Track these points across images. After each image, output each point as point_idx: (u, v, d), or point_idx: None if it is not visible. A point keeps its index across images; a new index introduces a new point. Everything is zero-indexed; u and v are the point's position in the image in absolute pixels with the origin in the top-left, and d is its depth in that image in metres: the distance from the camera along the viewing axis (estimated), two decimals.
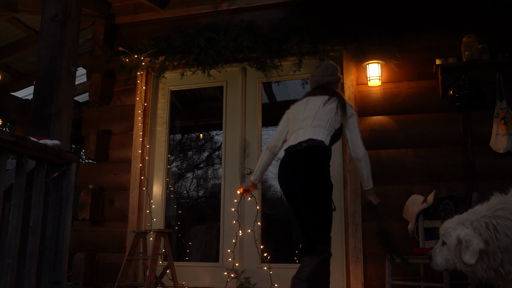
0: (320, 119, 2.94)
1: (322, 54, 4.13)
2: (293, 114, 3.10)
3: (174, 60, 4.50)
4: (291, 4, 4.46)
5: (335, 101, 3.00)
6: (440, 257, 2.24)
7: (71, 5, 2.87)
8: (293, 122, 3.05)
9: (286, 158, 2.95)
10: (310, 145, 2.85)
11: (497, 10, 3.93)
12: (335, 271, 3.98)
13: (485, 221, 2.15)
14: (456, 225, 2.21)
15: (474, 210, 2.28)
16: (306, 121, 2.96)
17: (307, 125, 2.93)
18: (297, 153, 2.87)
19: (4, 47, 5.62)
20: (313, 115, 2.96)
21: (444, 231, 2.25)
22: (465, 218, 2.22)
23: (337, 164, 4.14)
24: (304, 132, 2.91)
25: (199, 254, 4.96)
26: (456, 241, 2.17)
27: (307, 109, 3.02)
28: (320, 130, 2.91)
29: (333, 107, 2.98)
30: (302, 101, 3.13)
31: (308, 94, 3.17)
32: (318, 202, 2.80)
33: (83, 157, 7.26)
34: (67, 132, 2.78)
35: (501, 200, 2.24)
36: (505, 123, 3.63)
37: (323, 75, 3.17)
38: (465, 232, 2.16)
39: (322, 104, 2.99)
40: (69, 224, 2.53)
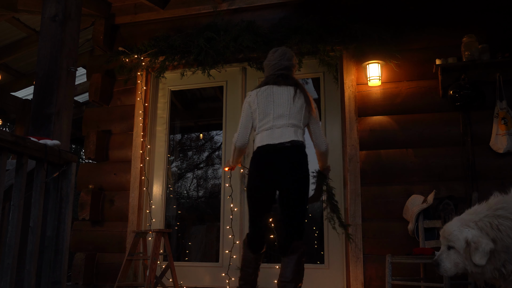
0: (296, 118, 2.95)
1: (322, 54, 4.13)
2: (259, 106, 3.01)
3: (174, 60, 4.50)
4: (291, 4, 4.46)
5: (302, 96, 2.99)
6: (449, 262, 2.19)
7: (71, 5, 2.87)
8: (263, 116, 2.98)
9: (269, 155, 2.91)
10: (294, 145, 2.89)
11: (497, 10, 3.93)
12: (335, 271, 3.98)
13: (488, 221, 2.13)
14: (461, 227, 2.18)
15: (474, 210, 2.26)
16: (281, 119, 2.94)
17: (284, 125, 2.92)
18: (284, 152, 2.88)
19: (4, 47, 5.62)
20: (288, 113, 2.94)
21: (449, 235, 2.20)
22: (468, 219, 2.19)
23: (337, 164, 4.14)
24: (282, 132, 2.91)
25: (199, 254, 4.96)
26: (464, 243, 2.13)
27: (276, 104, 2.98)
28: (297, 130, 2.95)
29: (302, 104, 2.99)
30: (266, 91, 3.04)
31: (270, 82, 3.06)
32: (304, 201, 2.90)
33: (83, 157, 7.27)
34: (67, 132, 2.78)
35: (501, 199, 2.23)
36: (505, 123, 3.63)
37: (282, 59, 3.09)
38: (472, 233, 2.13)
39: (291, 99, 2.96)
40: (69, 224, 2.53)
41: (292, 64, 3.15)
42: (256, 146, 2.98)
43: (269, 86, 3.05)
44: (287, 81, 3.05)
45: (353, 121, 4.03)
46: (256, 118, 3.02)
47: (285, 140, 2.88)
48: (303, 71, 4.32)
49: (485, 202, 2.29)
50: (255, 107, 3.03)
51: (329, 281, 3.99)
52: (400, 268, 3.57)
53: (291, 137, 2.90)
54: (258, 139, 2.99)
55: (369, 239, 3.81)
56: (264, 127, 2.97)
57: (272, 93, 3.01)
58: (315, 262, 4.16)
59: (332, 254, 4.02)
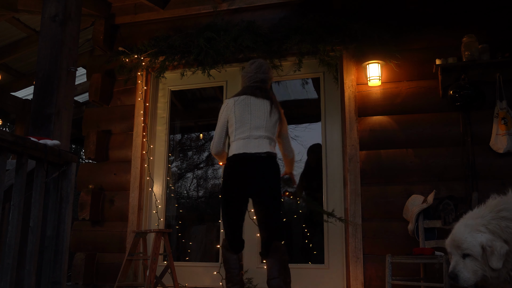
0: (271, 132, 3.14)
1: (322, 54, 4.13)
2: (235, 115, 3.15)
3: (174, 60, 4.50)
4: (291, 4, 4.46)
5: (277, 112, 3.19)
6: (467, 272, 2.10)
7: (71, 5, 2.87)
8: (240, 124, 3.12)
9: (245, 163, 3.06)
10: (269, 156, 3.08)
11: (497, 10, 3.93)
12: (335, 271, 3.98)
13: (497, 223, 2.09)
14: (472, 233, 2.11)
15: (477, 214, 2.20)
16: (258, 131, 3.10)
17: (261, 137, 3.09)
18: (260, 161, 3.05)
19: (4, 47, 5.62)
20: (264, 126, 3.12)
21: (462, 243, 2.12)
22: (476, 224, 2.13)
23: (337, 164, 4.15)
24: (259, 143, 3.07)
25: (199, 254, 4.96)
26: (480, 249, 2.07)
27: (254, 115, 3.13)
28: (271, 143, 3.14)
29: (277, 120, 3.19)
30: (244, 101, 3.17)
31: (248, 93, 3.20)
32: (279, 205, 3.10)
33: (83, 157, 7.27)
34: (67, 132, 2.78)
35: (501, 201, 2.21)
36: (505, 123, 3.63)
37: (258, 72, 3.24)
38: (486, 237, 2.07)
39: (268, 113, 3.14)
40: (69, 224, 2.53)
41: (268, 77, 3.29)
42: (232, 153, 3.10)
43: (246, 96, 3.19)
44: (264, 94, 3.21)
45: (353, 121, 4.03)
46: (232, 126, 3.16)
47: (261, 150, 3.05)
48: (303, 71, 4.32)
49: (484, 205, 2.26)
50: (232, 115, 3.16)
51: (329, 281, 3.99)
52: (400, 268, 3.57)
53: (267, 148, 3.08)
54: (234, 146, 3.11)
55: (369, 239, 3.81)
56: (240, 135, 3.10)
57: (250, 104, 3.16)
58: (315, 262, 4.16)
59: (332, 254, 4.02)
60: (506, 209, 2.13)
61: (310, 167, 4.74)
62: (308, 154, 4.76)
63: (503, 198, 2.23)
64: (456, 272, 2.11)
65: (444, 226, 3.33)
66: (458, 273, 2.11)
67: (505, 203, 2.17)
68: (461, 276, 2.10)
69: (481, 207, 2.24)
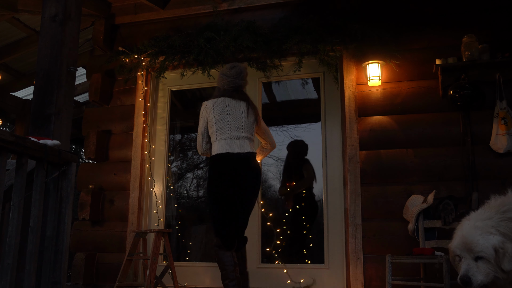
0: (249, 132, 3.35)
1: (322, 54, 4.13)
2: (215, 116, 3.32)
3: (174, 60, 4.50)
4: (291, 4, 4.46)
5: (253, 113, 3.40)
6: (481, 275, 2.07)
7: (71, 5, 2.87)
8: (221, 125, 3.30)
9: (229, 162, 3.23)
10: (250, 155, 3.28)
11: (497, 10, 3.93)
12: (335, 271, 3.98)
13: (505, 225, 2.08)
14: (483, 235, 2.09)
15: (483, 215, 2.17)
16: (238, 131, 3.29)
17: (242, 137, 3.29)
18: (243, 160, 3.23)
19: (4, 47, 5.62)
20: (243, 126, 3.31)
21: (475, 246, 2.10)
22: (485, 225, 2.11)
23: (337, 164, 4.15)
24: (240, 143, 3.27)
25: (199, 254, 4.96)
26: (493, 251, 2.06)
27: (232, 116, 3.32)
28: (251, 143, 3.35)
29: (254, 120, 3.40)
30: (222, 103, 3.36)
31: (226, 95, 3.39)
32: (254, 202, 3.35)
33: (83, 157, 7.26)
34: (67, 132, 2.78)
35: (504, 201, 2.20)
36: (505, 123, 3.63)
37: (237, 78, 3.43)
38: (497, 239, 2.06)
39: (246, 115, 3.34)
40: (69, 224, 2.53)
41: (245, 82, 3.51)
42: (215, 153, 3.28)
43: (224, 98, 3.38)
44: (240, 96, 3.42)
45: (353, 121, 4.03)
46: (213, 126, 3.33)
47: (243, 150, 3.25)
48: (303, 71, 4.32)
49: (487, 206, 2.24)
50: (211, 117, 3.34)
51: (329, 281, 3.99)
52: (400, 268, 3.57)
53: (248, 148, 3.28)
54: (217, 146, 3.29)
55: (369, 239, 3.81)
56: (222, 136, 3.29)
57: (228, 105, 3.35)
58: (315, 262, 4.16)
59: (332, 254, 4.02)
60: (510, 210, 2.12)
61: (289, 163, 4.79)
62: (287, 150, 4.82)
63: (505, 199, 2.22)
64: (470, 276, 2.08)
65: (444, 226, 3.33)
66: (472, 277, 2.08)
67: (508, 204, 2.15)
68: (475, 279, 2.07)
69: (485, 209, 2.22)
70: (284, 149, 4.98)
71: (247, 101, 3.41)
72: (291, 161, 4.81)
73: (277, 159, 4.97)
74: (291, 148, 4.76)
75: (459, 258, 2.21)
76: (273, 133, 3.75)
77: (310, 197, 4.79)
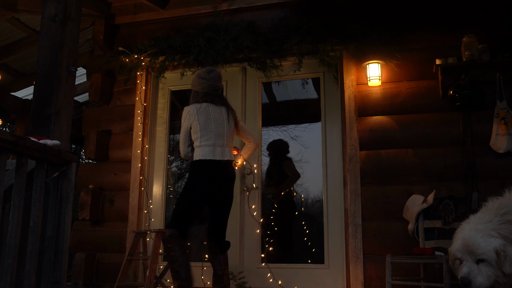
0: (230, 139, 3.50)
1: (322, 54, 4.13)
2: (199, 122, 3.42)
3: (174, 60, 4.50)
4: (291, 4, 4.46)
5: (233, 119, 3.53)
6: (482, 277, 2.07)
7: (71, 5, 2.87)
8: (205, 132, 3.41)
9: (210, 168, 3.38)
10: (230, 163, 3.46)
11: (497, 10, 3.93)
12: (335, 271, 3.98)
13: (506, 228, 2.08)
14: (485, 237, 2.09)
15: (483, 218, 2.17)
16: (221, 139, 3.43)
17: (223, 145, 3.43)
18: (223, 167, 3.40)
19: (4, 47, 5.62)
20: (225, 134, 3.45)
21: (477, 248, 2.09)
22: (486, 228, 2.11)
23: (337, 164, 4.15)
24: (222, 151, 3.41)
25: (199, 254, 4.95)
26: (494, 254, 2.06)
27: (216, 123, 3.44)
28: (230, 150, 3.50)
29: (233, 125, 3.53)
30: (206, 109, 3.46)
31: (208, 101, 3.49)
32: (230, 206, 3.51)
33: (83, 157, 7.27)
34: (67, 132, 2.78)
35: (502, 203, 2.19)
36: (505, 123, 3.63)
37: (217, 81, 3.53)
38: (499, 242, 2.06)
39: (226, 121, 3.48)
40: (69, 224, 2.53)
41: (221, 86, 3.64)
42: (198, 158, 3.40)
43: (208, 104, 3.48)
44: (221, 101, 3.54)
45: (353, 121, 4.03)
46: (197, 132, 3.43)
47: (224, 158, 3.41)
48: (303, 71, 4.32)
49: (486, 208, 2.23)
50: (195, 122, 3.44)
51: (329, 281, 3.99)
52: (400, 268, 3.57)
53: (228, 156, 3.44)
54: (200, 152, 3.41)
55: (369, 239, 3.81)
56: (206, 143, 3.41)
57: (210, 112, 3.46)
58: (315, 262, 4.16)
59: (332, 254, 4.02)
60: (509, 212, 2.11)
61: (272, 163, 4.80)
62: (268, 150, 4.82)
63: (503, 200, 2.21)
64: (470, 279, 2.08)
65: (444, 226, 3.33)
66: (473, 279, 2.08)
67: (507, 206, 2.15)
68: (476, 281, 2.07)
69: (483, 211, 2.21)
70: None
71: (227, 106, 3.53)
72: (274, 161, 4.83)
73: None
74: (271, 149, 4.78)
75: (459, 261, 2.20)
76: (273, 133, 3.76)
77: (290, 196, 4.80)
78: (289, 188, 4.75)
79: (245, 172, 4.35)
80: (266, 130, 4.65)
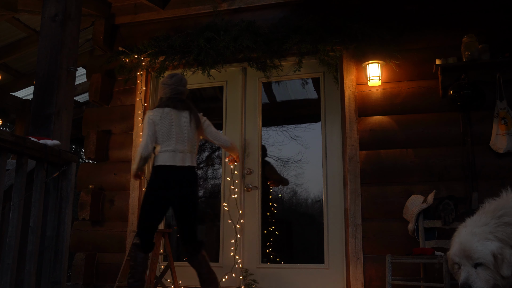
0: (192, 145, 3.45)
1: (322, 54, 4.13)
2: (162, 128, 3.39)
3: (174, 60, 4.50)
4: (291, 4, 4.46)
5: (194, 123, 3.46)
6: (481, 282, 2.06)
7: (71, 5, 2.87)
8: (167, 138, 3.38)
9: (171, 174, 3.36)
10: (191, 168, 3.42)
11: (497, 10, 3.93)
12: (335, 271, 3.98)
13: (503, 230, 2.07)
14: (482, 241, 2.09)
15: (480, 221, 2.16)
16: (182, 145, 3.39)
17: (185, 151, 3.40)
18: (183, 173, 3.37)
19: (4, 47, 5.62)
20: (187, 139, 3.41)
21: (474, 252, 2.09)
22: (483, 231, 2.11)
23: (337, 164, 4.15)
24: (183, 157, 3.38)
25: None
26: (492, 257, 2.05)
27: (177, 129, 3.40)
28: (193, 156, 3.47)
29: (194, 128, 3.47)
30: (168, 114, 3.42)
31: (170, 106, 3.44)
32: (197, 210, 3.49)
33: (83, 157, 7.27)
34: (67, 132, 2.78)
35: (499, 205, 2.18)
36: (505, 123, 3.63)
37: (179, 85, 3.50)
38: (496, 245, 2.05)
39: (188, 125, 3.43)
40: (69, 224, 2.53)
41: (186, 90, 3.58)
42: (158, 164, 3.38)
43: (170, 110, 3.44)
44: (184, 106, 3.48)
45: (353, 121, 4.03)
46: (159, 138, 3.41)
47: (185, 164, 3.37)
48: (303, 71, 4.32)
49: (483, 211, 2.22)
50: (158, 127, 3.41)
51: (329, 281, 3.99)
52: (400, 268, 3.57)
53: (189, 162, 3.40)
54: (161, 157, 3.39)
55: (369, 239, 3.81)
56: (167, 148, 3.38)
57: (173, 117, 3.42)
58: (315, 262, 4.16)
59: (332, 254, 4.02)
60: (506, 214, 2.10)
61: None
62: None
63: (499, 202, 2.20)
64: (470, 284, 2.07)
65: (444, 226, 3.33)
66: (472, 284, 2.07)
67: (503, 208, 2.14)
68: (475, 286, 2.07)
69: (480, 214, 2.20)
70: (285, 149, 4.97)
71: (190, 110, 3.49)
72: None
73: (277, 159, 4.97)
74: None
75: (458, 265, 2.20)
76: (273, 133, 3.75)
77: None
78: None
79: (245, 172, 4.35)
80: (266, 130, 4.65)
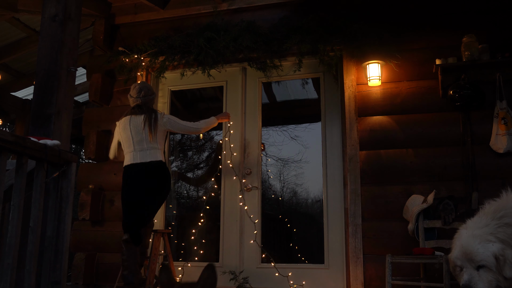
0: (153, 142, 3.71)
1: (322, 54, 4.13)
2: (122, 134, 3.79)
3: (174, 60, 4.50)
4: (291, 4, 4.46)
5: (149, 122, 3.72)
6: (483, 283, 2.06)
7: (71, 5, 2.87)
8: (126, 140, 3.76)
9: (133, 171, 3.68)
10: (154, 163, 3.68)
11: (497, 10, 3.93)
12: (335, 271, 3.98)
13: (503, 231, 2.07)
14: (483, 243, 2.08)
15: (480, 222, 2.15)
16: (141, 144, 3.70)
17: (144, 149, 3.70)
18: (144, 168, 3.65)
19: (4, 47, 5.61)
20: (144, 139, 3.70)
21: (475, 255, 2.09)
22: (484, 233, 2.10)
23: (337, 164, 4.15)
24: (143, 154, 3.69)
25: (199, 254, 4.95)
26: (494, 259, 2.05)
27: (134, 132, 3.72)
28: (157, 152, 3.73)
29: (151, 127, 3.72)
30: (125, 121, 3.80)
31: (129, 113, 3.82)
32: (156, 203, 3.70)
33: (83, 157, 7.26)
34: (67, 132, 2.78)
35: (499, 206, 2.18)
36: (505, 123, 3.63)
37: (138, 96, 3.81)
38: (497, 247, 2.05)
39: (142, 126, 3.71)
40: (69, 224, 2.53)
41: (148, 99, 3.85)
42: (124, 164, 3.77)
43: (129, 116, 3.80)
44: (141, 111, 3.78)
45: (353, 121, 4.03)
46: (122, 143, 3.82)
47: (145, 160, 3.67)
48: (303, 71, 4.32)
49: (483, 212, 2.21)
50: (121, 135, 3.81)
51: (329, 281, 3.99)
52: (400, 268, 3.57)
53: (150, 158, 3.68)
54: (125, 159, 3.78)
55: (369, 239, 3.81)
56: (127, 150, 3.76)
57: (130, 123, 3.76)
58: (315, 262, 4.16)
59: (332, 254, 4.02)
60: (507, 215, 2.10)
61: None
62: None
63: (499, 203, 2.20)
64: (472, 285, 2.07)
65: (444, 226, 3.33)
66: (474, 286, 2.07)
67: (504, 209, 2.13)
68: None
69: (480, 215, 2.20)
70: (285, 149, 4.97)
71: (146, 113, 3.76)
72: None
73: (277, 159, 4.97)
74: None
75: (460, 268, 2.20)
76: (273, 133, 3.75)
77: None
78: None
79: (245, 172, 4.35)
80: (266, 130, 4.65)
